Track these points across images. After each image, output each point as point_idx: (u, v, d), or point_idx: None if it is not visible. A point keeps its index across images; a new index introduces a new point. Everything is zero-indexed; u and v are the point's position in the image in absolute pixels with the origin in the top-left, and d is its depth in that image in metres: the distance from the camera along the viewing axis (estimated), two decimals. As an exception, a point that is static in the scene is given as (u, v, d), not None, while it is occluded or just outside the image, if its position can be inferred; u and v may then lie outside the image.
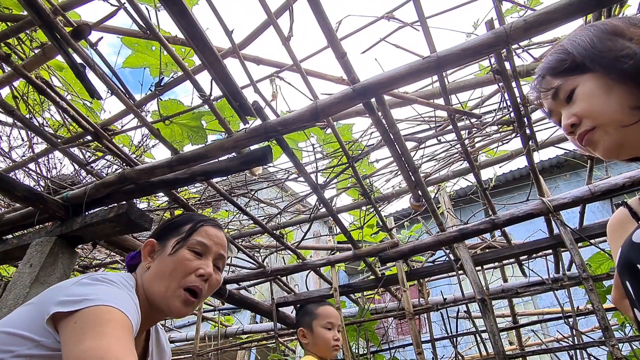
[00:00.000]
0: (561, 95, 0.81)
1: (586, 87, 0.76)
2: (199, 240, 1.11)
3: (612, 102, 0.73)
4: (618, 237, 0.83)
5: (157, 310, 1.06)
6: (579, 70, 0.78)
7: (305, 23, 2.15)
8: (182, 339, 4.55)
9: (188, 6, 1.34)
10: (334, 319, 2.11)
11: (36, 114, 2.19)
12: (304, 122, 1.64)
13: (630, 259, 0.66)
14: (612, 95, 0.73)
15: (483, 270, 3.06)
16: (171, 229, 1.15)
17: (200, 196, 2.95)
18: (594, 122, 0.75)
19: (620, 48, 0.72)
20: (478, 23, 2.02)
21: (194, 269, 1.06)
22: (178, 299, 1.04)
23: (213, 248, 1.14)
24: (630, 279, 0.67)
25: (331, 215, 2.47)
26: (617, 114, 0.72)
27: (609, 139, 0.74)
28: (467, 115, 2.03)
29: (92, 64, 1.58)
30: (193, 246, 1.10)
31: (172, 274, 1.04)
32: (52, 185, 2.27)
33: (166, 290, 1.03)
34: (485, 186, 2.46)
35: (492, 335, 2.23)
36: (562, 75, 0.80)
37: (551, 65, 0.83)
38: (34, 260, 1.91)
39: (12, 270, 3.63)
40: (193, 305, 1.07)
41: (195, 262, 1.07)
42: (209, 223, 1.18)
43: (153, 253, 1.11)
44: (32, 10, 1.38)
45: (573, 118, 0.78)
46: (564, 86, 0.80)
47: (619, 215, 0.86)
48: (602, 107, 0.74)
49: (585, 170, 2.38)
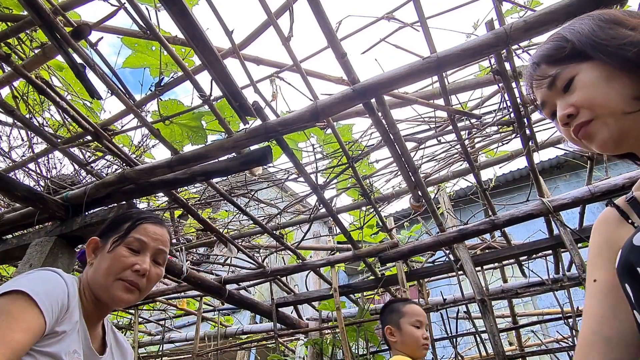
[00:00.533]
0: (559, 84, 0.77)
1: (587, 76, 0.73)
2: (136, 237, 1.16)
3: (613, 92, 0.70)
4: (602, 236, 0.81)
5: (102, 303, 1.13)
6: (579, 59, 0.75)
7: (306, 23, 2.16)
8: (182, 339, 4.55)
9: (188, 6, 1.34)
10: (422, 317, 2.05)
11: (36, 114, 2.19)
12: (304, 122, 1.64)
13: (631, 262, 0.64)
14: (614, 84, 0.71)
15: (483, 271, 3.06)
16: (112, 227, 1.20)
17: (200, 196, 2.95)
18: (593, 113, 0.72)
19: (622, 36, 0.70)
20: (478, 23, 2.02)
21: (130, 265, 1.12)
22: (117, 289, 1.10)
23: (150, 244, 1.18)
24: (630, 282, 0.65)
25: (331, 215, 2.47)
26: (619, 103, 0.70)
27: (607, 130, 0.72)
28: (467, 115, 2.03)
29: (92, 64, 1.58)
30: (130, 243, 1.15)
31: (109, 270, 1.10)
32: (52, 185, 2.27)
33: (105, 284, 1.10)
34: (485, 187, 2.46)
35: (492, 335, 2.23)
36: (560, 64, 0.77)
37: (549, 52, 0.80)
38: (33, 260, 1.91)
39: (12, 270, 3.63)
40: (134, 294, 1.13)
41: (131, 259, 1.13)
42: (148, 220, 1.22)
43: (97, 250, 1.17)
44: (32, 10, 1.38)
45: (570, 108, 0.75)
46: (562, 74, 0.76)
47: (607, 215, 0.82)
48: (603, 97, 0.71)
49: (585, 171, 2.38)
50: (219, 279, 3.11)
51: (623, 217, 0.77)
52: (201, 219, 2.42)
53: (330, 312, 3.74)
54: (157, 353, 4.45)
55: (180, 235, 3.38)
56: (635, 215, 0.76)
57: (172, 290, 3.32)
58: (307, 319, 3.97)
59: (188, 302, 4.55)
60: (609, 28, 0.73)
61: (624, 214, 0.78)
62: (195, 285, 2.90)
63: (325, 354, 3.43)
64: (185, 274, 2.66)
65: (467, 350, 4.84)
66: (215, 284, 3.03)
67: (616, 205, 0.80)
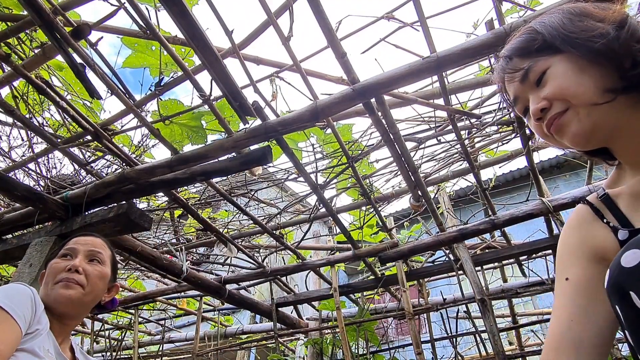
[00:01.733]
0: (531, 77, 0.76)
1: (559, 68, 0.73)
2: (66, 247, 1.30)
3: (585, 82, 0.70)
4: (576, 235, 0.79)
5: (53, 314, 1.18)
6: (550, 51, 0.75)
7: (305, 23, 2.16)
8: (182, 339, 4.55)
9: (188, 6, 1.34)
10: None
11: (36, 114, 2.19)
12: (304, 122, 1.64)
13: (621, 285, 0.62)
14: (586, 75, 0.70)
15: (483, 271, 3.07)
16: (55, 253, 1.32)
17: (200, 196, 2.95)
18: (567, 104, 0.72)
19: (591, 28, 0.71)
20: (478, 23, 2.02)
21: (62, 268, 1.23)
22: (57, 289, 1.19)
23: (80, 248, 1.29)
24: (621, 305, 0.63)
25: (331, 215, 2.47)
26: (591, 94, 0.69)
27: (578, 122, 0.71)
28: (466, 115, 2.03)
29: (92, 63, 1.58)
30: (62, 255, 1.28)
31: (47, 279, 1.23)
32: (52, 185, 2.27)
33: (47, 291, 1.20)
34: (485, 186, 2.46)
35: (492, 335, 2.23)
36: (532, 56, 0.77)
37: (520, 45, 0.80)
38: (33, 260, 1.91)
39: (12, 270, 3.63)
40: (74, 289, 1.21)
41: (62, 264, 1.24)
42: (78, 235, 1.36)
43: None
44: (32, 10, 1.38)
45: (544, 102, 0.74)
46: (535, 67, 0.76)
47: (580, 214, 0.80)
48: (576, 87, 0.71)
49: (585, 171, 2.39)
50: (218, 279, 3.11)
51: (597, 216, 0.76)
52: (201, 219, 2.42)
53: (330, 312, 3.74)
54: (157, 353, 4.45)
55: (180, 235, 3.38)
56: (609, 213, 0.75)
57: (172, 290, 3.32)
58: (307, 319, 3.98)
59: (188, 302, 4.55)
60: (579, 20, 0.73)
61: (598, 213, 0.77)
62: (195, 285, 2.90)
63: (325, 354, 3.43)
64: (185, 274, 2.66)
65: (467, 350, 4.84)
66: (215, 283, 3.03)
67: (590, 202, 0.79)
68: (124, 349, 4.37)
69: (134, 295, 3.48)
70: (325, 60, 13.77)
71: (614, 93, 0.68)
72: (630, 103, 0.70)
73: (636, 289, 0.57)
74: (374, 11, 15.58)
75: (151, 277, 3.91)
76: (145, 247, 2.41)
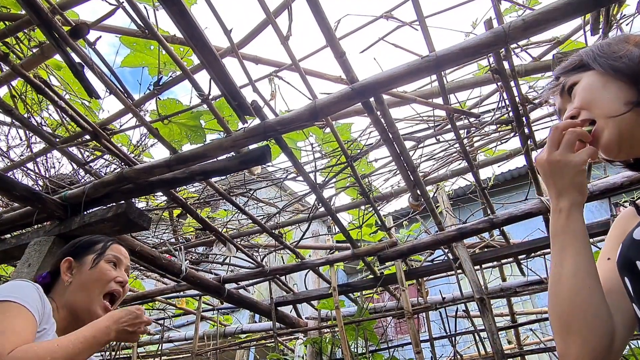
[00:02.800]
0: (566, 89, 0.88)
1: (584, 82, 0.84)
2: (113, 254, 1.34)
3: (607, 95, 0.79)
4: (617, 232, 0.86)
5: (79, 319, 1.21)
6: (583, 69, 0.85)
7: (304, 22, 2.15)
8: (181, 339, 4.55)
9: (187, 5, 1.34)
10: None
11: (34, 114, 2.18)
12: (303, 121, 1.64)
13: (630, 257, 0.68)
14: (607, 89, 0.80)
15: (482, 270, 3.07)
16: (85, 247, 1.34)
17: (199, 195, 2.94)
18: (592, 114, 0.81)
19: (620, 50, 0.80)
20: (477, 22, 2.02)
21: (114, 277, 1.29)
22: (99, 307, 1.23)
23: (123, 260, 1.37)
24: (630, 276, 0.69)
25: (330, 214, 2.47)
26: (612, 106, 0.78)
27: (607, 132, 0.78)
28: (465, 114, 2.03)
29: (91, 63, 1.58)
30: (110, 259, 1.32)
31: (96, 283, 1.25)
32: (51, 184, 2.26)
33: (90, 299, 1.23)
34: (484, 185, 2.46)
35: (491, 334, 2.24)
36: (569, 74, 0.88)
37: (564, 66, 0.91)
38: (32, 260, 1.91)
39: (11, 270, 3.62)
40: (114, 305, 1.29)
41: (114, 272, 1.31)
42: (115, 242, 1.40)
43: (71, 269, 1.28)
44: (30, 9, 1.38)
45: (573, 110, 0.84)
46: (568, 81, 0.87)
47: (625, 211, 0.89)
48: (599, 99, 0.80)
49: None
50: (218, 278, 3.11)
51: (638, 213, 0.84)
52: (200, 218, 2.42)
53: (329, 311, 3.74)
54: (156, 352, 4.45)
55: (179, 234, 3.38)
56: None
57: (171, 289, 3.31)
58: (306, 318, 3.98)
59: (187, 302, 4.55)
60: (616, 44, 0.83)
61: (638, 210, 0.84)
62: (194, 284, 2.90)
63: (325, 353, 3.43)
64: (184, 274, 2.66)
65: (466, 348, 4.84)
66: (214, 283, 3.03)
67: (636, 204, 0.87)
68: (122, 348, 4.37)
69: (133, 294, 3.48)
70: (324, 60, 13.97)
71: (631, 105, 0.76)
72: None
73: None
74: (372, 10, 15.55)
75: (150, 276, 3.90)
76: (145, 247, 2.41)
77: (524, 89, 2.18)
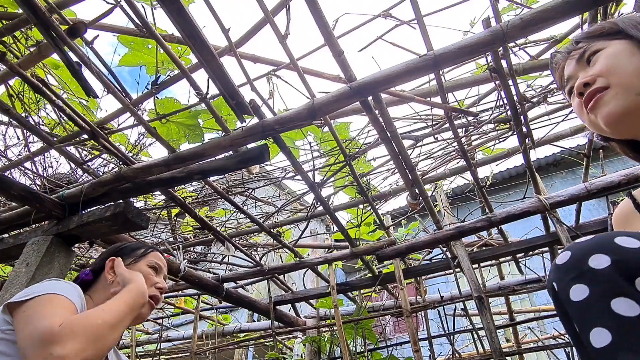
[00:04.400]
0: (586, 56, 0.81)
1: (611, 49, 0.77)
2: (155, 261, 1.39)
3: (632, 66, 0.74)
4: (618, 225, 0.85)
5: None
6: (612, 36, 0.79)
7: (302, 21, 2.15)
8: (180, 338, 4.55)
9: (184, 4, 1.34)
10: None
11: (32, 113, 2.17)
12: (301, 120, 1.64)
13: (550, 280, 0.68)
14: (635, 60, 0.74)
15: (480, 268, 3.08)
16: (127, 252, 1.38)
17: (198, 195, 2.94)
18: (608, 82, 0.75)
19: None
20: (475, 21, 2.02)
21: (155, 282, 1.32)
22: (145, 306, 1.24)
23: (163, 269, 1.41)
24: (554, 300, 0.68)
25: (328, 213, 2.47)
26: (633, 77, 0.73)
27: (616, 102, 0.74)
28: (464, 113, 2.03)
29: (88, 62, 1.57)
30: (152, 264, 1.36)
31: None
32: (49, 184, 2.26)
33: None
34: (482, 184, 2.46)
35: (489, 332, 2.24)
36: (595, 39, 0.81)
37: (589, 31, 0.85)
38: (30, 260, 1.91)
39: (9, 270, 3.61)
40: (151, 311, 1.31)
41: (155, 278, 1.34)
42: (156, 249, 1.45)
43: (114, 269, 1.30)
44: (27, 8, 1.38)
45: (588, 77, 0.78)
46: (593, 46, 0.81)
47: (623, 206, 0.86)
48: (621, 68, 0.74)
49: (582, 168, 2.39)
50: (216, 278, 3.11)
51: (637, 210, 0.81)
52: (198, 218, 2.42)
53: (328, 310, 3.75)
54: (154, 352, 4.44)
55: (178, 233, 3.38)
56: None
57: (169, 288, 3.31)
58: (305, 317, 3.98)
59: (186, 301, 4.54)
60: None
61: (638, 207, 0.82)
62: (193, 283, 2.90)
63: (323, 352, 3.44)
64: (182, 273, 2.66)
65: (464, 347, 4.86)
66: (213, 282, 3.03)
67: (632, 196, 0.84)
68: (121, 347, 4.36)
69: (132, 294, 3.47)
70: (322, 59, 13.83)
71: None
72: None
73: None
74: (371, 9, 15.54)
75: (148, 276, 3.89)
76: (143, 246, 2.40)
77: (522, 87, 2.19)
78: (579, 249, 0.63)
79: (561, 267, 0.64)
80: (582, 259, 0.61)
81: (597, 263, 0.59)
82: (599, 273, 0.58)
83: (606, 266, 0.58)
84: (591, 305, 0.57)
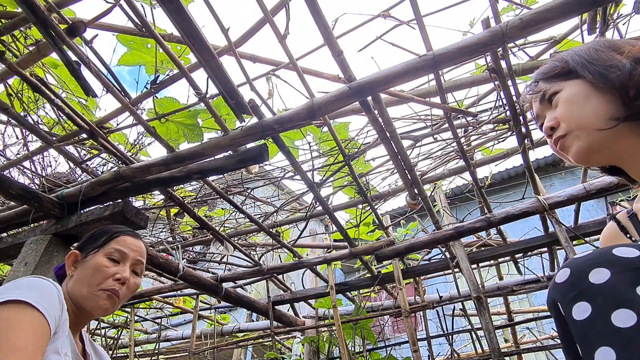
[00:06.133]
0: (547, 97, 0.84)
1: (568, 92, 0.80)
2: (116, 247, 1.22)
3: (589, 109, 0.76)
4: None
5: (83, 313, 1.17)
6: (567, 77, 0.81)
7: (302, 21, 2.16)
8: (179, 337, 4.55)
9: (184, 3, 1.34)
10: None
11: (31, 112, 2.17)
12: (301, 120, 1.64)
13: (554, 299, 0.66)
14: (591, 101, 0.76)
15: (479, 268, 3.08)
16: (91, 241, 1.25)
17: (197, 194, 2.94)
18: (568, 128, 0.78)
19: (610, 59, 0.76)
20: (474, 21, 2.02)
21: (112, 274, 1.17)
22: (101, 298, 1.14)
23: (130, 254, 1.23)
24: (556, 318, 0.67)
25: (327, 213, 2.47)
26: (592, 120, 0.75)
27: (577, 143, 0.77)
28: (463, 113, 2.03)
29: (87, 61, 1.57)
30: (110, 254, 1.20)
31: (92, 279, 1.15)
32: (47, 183, 2.26)
33: (87, 293, 1.14)
34: (481, 184, 2.47)
35: (488, 332, 2.24)
36: (551, 80, 0.84)
37: (544, 70, 0.87)
38: (29, 259, 1.90)
39: (7, 269, 3.61)
40: (115, 303, 1.18)
41: (113, 268, 1.18)
42: (126, 233, 1.28)
43: (76, 263, 1.21)
44: (26, 7, 1.37)
45: (553, 121, 0.81)
46: (550, 89, 0.83)
47: (609, 230, 0.88)
48: (577, 113, 0.77)
49: (580, 169, 2.40)
50: (215, 277, 3.11)
51: (622, 232, 0.83)
52: (197, 217, 2.42)
53: (326, 310, 3.75)
54: (153, 351, 4.44)
55: (177, 233, 3.38)
56: (634, 230, 0.81)
57: (168, 288, 3.31)
58: (304, 317, 3.98)
59: (184, 301, 4.54)
60: (603, 52, 0.78)
61: (623, 229, 0.83)
62: (192, 283, 2.90)
63: (322, 352, 3.44)
64: (181, 272, 2.66)
65: (463, 347, 4.86)
66: (212, 282, 3.03)
67: (617, 220, 0.86)
68: (120, 347, 4.36)
69: (130, 293, 3.47)
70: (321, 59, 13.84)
71: (617, 121, 0.73)
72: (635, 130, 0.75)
73: None
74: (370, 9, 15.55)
75: (147, 275, 3.89)
76: (142, 246, 2.40)
77: (521, 88, 2.19)
78: (577, 265, 0.62)
79: (561, 285, 0.63)
80: (581, 275, 0.60)
81: (598, 278, 0.58)
82: (601, 288, 0.57)
83: (607, 280, 0.57)
84: (594, 322, 0.56)
